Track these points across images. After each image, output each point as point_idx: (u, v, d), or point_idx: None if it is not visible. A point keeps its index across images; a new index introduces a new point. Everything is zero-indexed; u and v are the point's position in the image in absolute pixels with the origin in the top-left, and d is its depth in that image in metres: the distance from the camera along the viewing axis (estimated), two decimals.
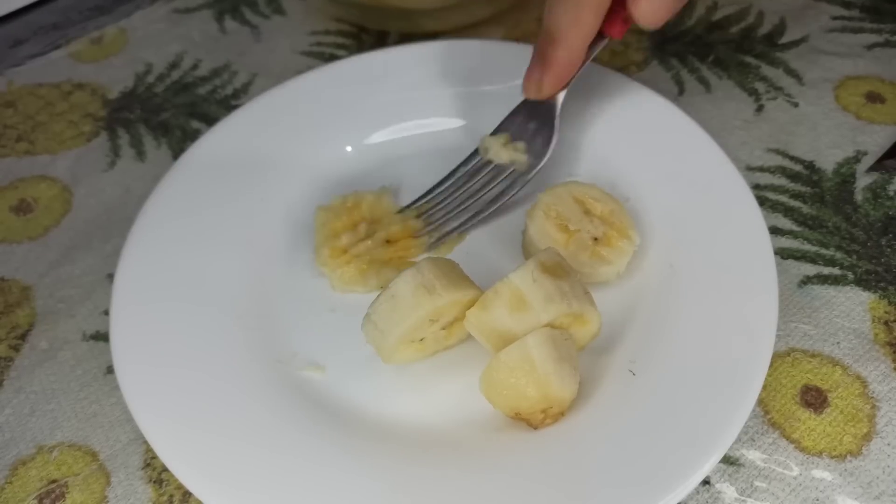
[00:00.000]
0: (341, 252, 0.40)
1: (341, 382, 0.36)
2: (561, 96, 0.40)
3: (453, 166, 0.43)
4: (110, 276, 0.39)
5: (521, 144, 0.41)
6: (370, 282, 0.39)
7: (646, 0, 0.33)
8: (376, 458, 0.32)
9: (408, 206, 0.42)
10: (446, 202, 0.42)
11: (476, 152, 0.43)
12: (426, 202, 0.42)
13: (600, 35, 0.38)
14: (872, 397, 0.35)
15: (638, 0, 0.33)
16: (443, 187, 0.43)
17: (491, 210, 0.41)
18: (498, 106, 0.43)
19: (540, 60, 0.38)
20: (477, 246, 0.41)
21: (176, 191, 0.42)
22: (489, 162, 0.42)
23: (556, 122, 0.40)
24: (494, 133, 0.42)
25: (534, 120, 0.41)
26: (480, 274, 0.39)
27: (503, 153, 0.41)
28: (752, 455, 0.33)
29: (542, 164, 0.41)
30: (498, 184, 0.41)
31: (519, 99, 0.41)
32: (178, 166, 0.43)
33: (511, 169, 0.41)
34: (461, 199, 0.42)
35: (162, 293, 0.38)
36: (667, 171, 0.41)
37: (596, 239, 0.37)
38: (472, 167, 0.42)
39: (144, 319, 0.37)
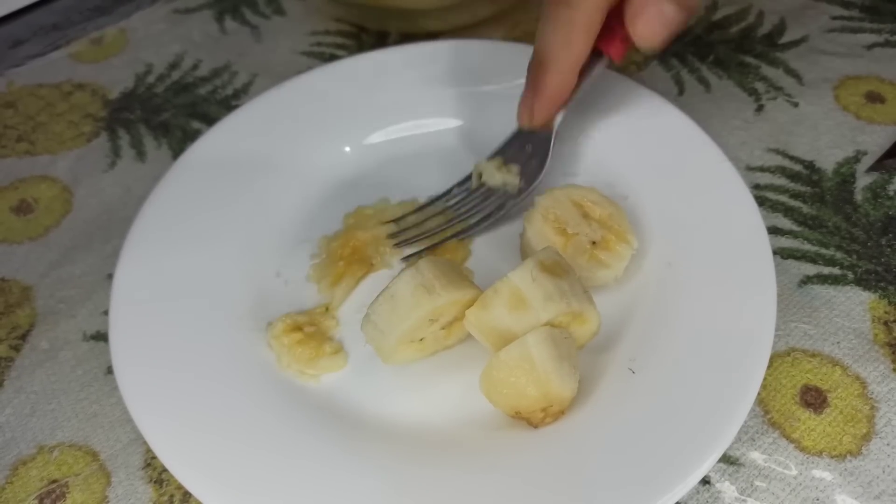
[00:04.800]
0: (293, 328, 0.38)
1: (341, 383, 0.36)
2: (557, 120, 0.40)
3: (452, 167, 0.43)
4: (111, 277, 0.39)
5: (514, 167, 0.41)
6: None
7: (643, 20, 0.32)
8: (376, 458, 0.33)
9: (395, 220, 0.42)
10: (433, 219, 0.42)
11: (469, 175, 0.43)
12: (412, 216, 0.42)
13: (600, 55, 0.37)
14: (871, 398, 0.35)
15: (635, 21, 0.32)
16: (432, 205, 0.43)
17: (477, 229, 0.41)
18: (498, 106, 0.43)
19: (531, 87, 0.37)
20: (476, 248, 0.41)
21: (175, 191, 0.42)
22: (482, 184, 0.42)
23: (552, 145, 0.40)
24: (491, 157, 0.42)
25: (531, 142, 0.41)
26: (479, 275, 0.40)
27: (496, 175, 0.41)
28: (753, 455, 0.33)
29: (533, 187, 0.40)
30: (487, 205, 0.41)
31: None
32: (178, 166, 0.43)
33: (503, 191, 0.41)
34: (449, 216, 0.42)
35: (161, 293, 0.38)
36: (665, 171, 0.41)
37: (594, 243, 0.37)
38: (465, 188, 0.43)
39: (144, 320, 0.37)
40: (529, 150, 0.41)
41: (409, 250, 0.41)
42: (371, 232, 0.42)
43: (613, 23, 0.34)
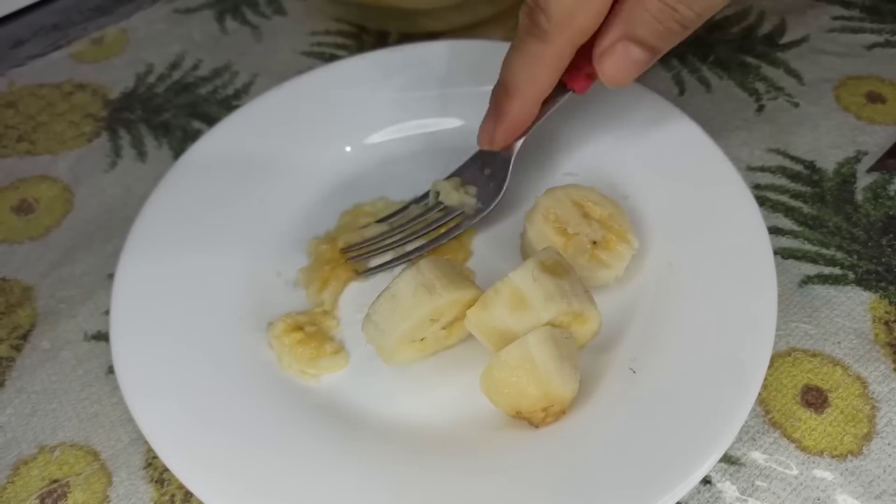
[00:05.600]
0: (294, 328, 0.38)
1: (342, 383, 0.36)
2: (517, 146, 0.40)
3: (452, 167, 0.43)
4: (111, 277, 0.39)
5: (472, 189, 0.42)
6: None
7: (610, 61, 0.32)
8: (377, 458, 0.33)
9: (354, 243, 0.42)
10: (388, 236, 0.42)
11: (426, 193, 0.43)
12: (370, 229, 0.42)
13: (564, 88, 0.37)
14: (872, 398, 0.35)
15: (602, 60, 0.32)
16: (388, 222, 0.42)
17: (432, 247, 0.41)
18: None
19: (494, 112, 0.38)
20: (477, 248, 0.41)
21: (176, 191, 0.42)
22: (439, 203, 0.42)
23: (510, 171, 0.40)
24: (449, 177, 0.42)
25: (489, 167, 0.41)
26: (480, 275, 0.40)
27: (454, 195, 0.41)
28: (753, 454, 0.33)
29: (490, 209, 0.40)
30: (443, 224, 0.41)
31: None
32: (179, 166, 0.43)
33: (459, 211, 0.41)
34: (403, 234, 0.41)
35: (162, 293, 0.38)
36: (666, 171, 0.41)
37: (595, 242, 0.37)
38: (423, 205, 0.43)
39: (144, 320, 0.37)
40: (488, 173, 0.41)
41: (367, 264, 0.41)
42: (360, 233, 0.42)
43: (579, 58, 0.34)
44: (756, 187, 0.44)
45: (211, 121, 0.50)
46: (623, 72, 0.33)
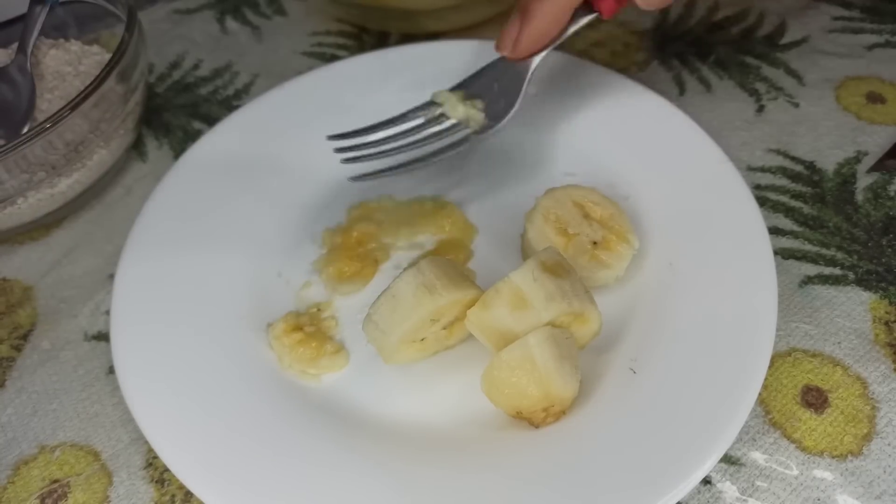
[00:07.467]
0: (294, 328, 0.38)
1: (342, 383, 0.36)
2: (535, 62, 0.37)
3: (453, 166, 0.43)
4: (112, 277, 0.39)
5: (479, 102, 0.39)
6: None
7: None
8: (378, 458, 0.33)
9: (343, 134, 0.40)
10: (385, 142, 0.40)
11: (428, 103, 0.40)
12: (362, 136, 0.40)
13: (589, 8, 0.35)
14: (872, 398, 0.35)
15: None
16: (384, 129, 0.40)
17: (430, 162, 0.38)
18: None
19: (521, 14, 0.35)
20: (477, 249, 0.41)
21: (177, 191, 0.42)
22: (441, 115, 0.39)
23: (525, 86, 0.37)
24: (454, 88, 0.40)
25: (500, 80, 0.39)
26: (481, 275, 0.40)
27: (459, 108, 0.39)
28: (754, 455, 0.33)
29: (500, 126, 0.38)
30: (445, 137, 0.39)
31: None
32: (179, 166, 0.43)
33: (464, 126, 0.39)
34: (401, 142, 0.39)
35: (163, 294, 0.38)
36: (666, 171, 0.41)
37: (595, 243, 0.37)
38: (423, 115, 0.40)
39: (145, 320, 0.37)
40: (497, 88, 0.38)
41: (358, 169, 0.39)
42: (375, 223, 0.42)
43: None
44: (756, 188, 0.44)
45: (211, 121, 0.50)
46: None
